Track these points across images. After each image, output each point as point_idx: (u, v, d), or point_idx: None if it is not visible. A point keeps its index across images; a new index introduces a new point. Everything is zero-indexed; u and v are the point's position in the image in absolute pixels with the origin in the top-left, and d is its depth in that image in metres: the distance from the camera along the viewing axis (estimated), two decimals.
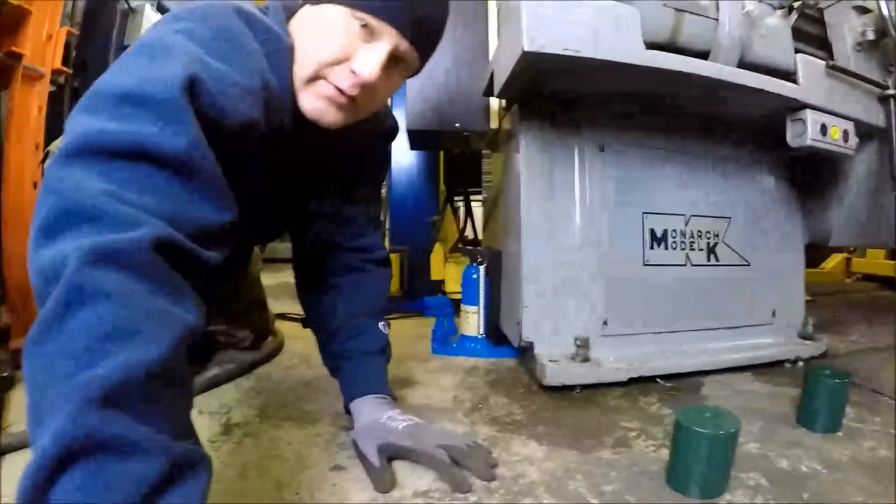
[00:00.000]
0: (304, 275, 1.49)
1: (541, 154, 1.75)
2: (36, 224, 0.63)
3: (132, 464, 0.52)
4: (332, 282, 1.43)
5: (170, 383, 0.60)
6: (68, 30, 2.24)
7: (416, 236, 3.25)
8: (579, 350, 1.63)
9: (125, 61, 0.80)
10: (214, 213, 0.76)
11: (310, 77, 1.03)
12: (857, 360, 2.01)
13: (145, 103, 0.71)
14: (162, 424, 0.56)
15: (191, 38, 0.84)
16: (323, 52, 1.01)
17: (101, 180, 0.65)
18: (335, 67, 1.02)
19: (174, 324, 0.62)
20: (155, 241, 0.63)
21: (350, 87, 1.02)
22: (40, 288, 0.60)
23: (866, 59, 1.89)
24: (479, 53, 2.15)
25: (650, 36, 1.49)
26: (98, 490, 0.50)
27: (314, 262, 1.45)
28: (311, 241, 1.45)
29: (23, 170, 1.95)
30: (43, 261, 0.60)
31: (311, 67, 1.02)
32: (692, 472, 1.01)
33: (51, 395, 0.53)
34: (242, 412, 1.42)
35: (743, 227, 1.96)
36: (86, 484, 0.50)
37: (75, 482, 0.50)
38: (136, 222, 0.62)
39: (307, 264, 1.48)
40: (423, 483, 1.05)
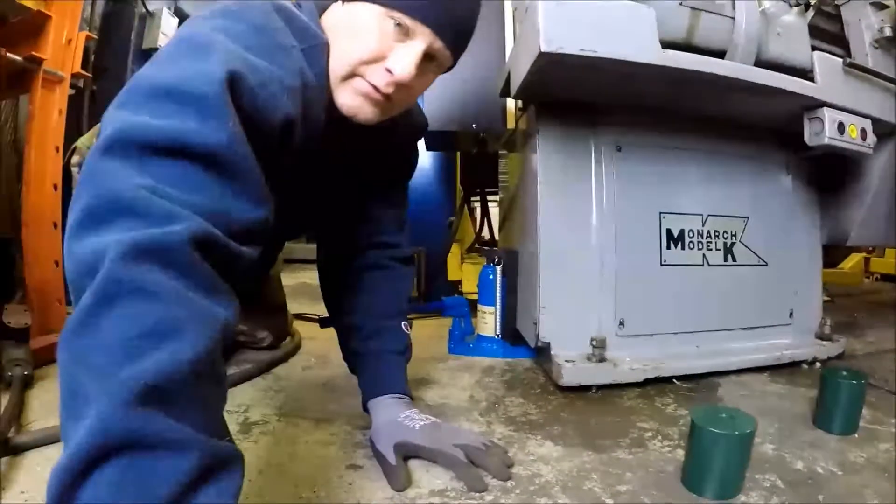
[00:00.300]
0: (329, 271, 1.51)
1: (557, 154, 1.75)
2: (73, 216, 0.63)
3: (167, 461, 0.51)
4: (356, 279, 1.44)
5: (207, 381, 0.59)
6: (87, 34, 2.26)
7: (433, 237, 3.25)
8: (595, 350, 1.63)
9: (164, 57, 0.80)
10: (252, 210, 0.75)
11: (346, 75, 1.05)
12: (875, 362, 1.99)
13: (186, 99, 0.71)
14: (198, 422, 0.56)
15: (230, 34, 0.84)
16: (359, 51, 1.03)
17: (140, 175, 0.64)
18: (371, 66, 1.03)
19: (212, 321, 0.62)
20: (193, 237, 0.62)
21: (385, 85, 1.03)
22: (76, 280, 0.59)
23: (884, 56, 1.88)
24: (495, 54, 2.16)
25: (666, 35, 1.49)
26: (131, 488, 0.50)
27: (339, 259, 1.47)
28: (338, 239, 1.47)
29: (43, 172, 1.98)
30: (80, 253, 0.59)
31: (348, 65, 1.04)
32: (708, 472, 1.01)
33: (86, 390, 0.52)
34: (260, 411, 1.43)
35: (760, 226, 1.94)
36: (119, 481, 0.50)
37: (108, 479, 0.49)
38: (174, 217, 0.62)
39: (332, 261, 1.50)
40: (439, 482, 1.06)
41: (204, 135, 0.69)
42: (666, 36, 1.49)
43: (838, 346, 1.99)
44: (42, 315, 1.90)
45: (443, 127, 2.22)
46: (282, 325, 2.05)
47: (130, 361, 0.53)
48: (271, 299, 2.01)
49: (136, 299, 0.56)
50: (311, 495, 1.01)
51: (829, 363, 1.92)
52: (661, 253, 1.80)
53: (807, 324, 2.02)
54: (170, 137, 0.67)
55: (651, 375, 1.65)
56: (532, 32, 1.39)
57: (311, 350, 2.10)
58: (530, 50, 1.42)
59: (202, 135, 0.69)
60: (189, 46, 0.79)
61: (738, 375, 1.77)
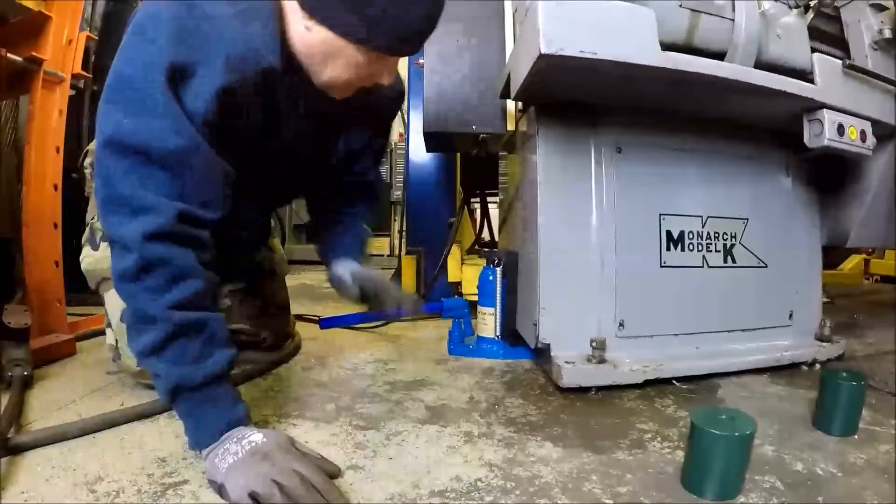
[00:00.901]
0: (316, 216, 1.84)
1: (557, 155, 1.75)
2: (98, 199, 1.05)
3: (194, 339, 1.06)
4: (333, 217, 1.76)
5: (208, 299, 1.12)
6: (87, 34, 2.26)
7: (433, 238, 3.25)
8: (595, 351, 1.63)
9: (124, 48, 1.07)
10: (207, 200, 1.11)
11: (340, 88, 1.24)
12: (875, 363, 1.99)
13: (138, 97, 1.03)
14: (205, 323, 1.08)
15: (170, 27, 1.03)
16: (347, 75, 1.19)
17: (127, 172, 1.03)
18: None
19: (202, 270, 1.09)
20: (176, 217, 1.04)
21: (371, 85, 1.25)
22: (111, 240, 1.06)
23: (884, 58, 1.88)
24: (495, 55, 2.16)
25: (666, 37, 1.49)
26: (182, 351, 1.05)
27: (323, 207, 1.80)
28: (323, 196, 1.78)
29: (43, 173, 1.98)
30: (110, 231, 1.05)
31: (344, 84, 1.22)
32: (707, 473, 1.01)
33: (144, 311, 1.04)
34: (261, 411, 1.44)
35: (760, 228, 1.95)
36: (177, 351, 1.04)
37: (172, 351, 1.04)
38: (159, 208, 1.02)
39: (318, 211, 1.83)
40: (439, 483, 1.06)
41: (160, 139, 1.03)
42: (666, 37, 1.49)
43: (838, 348, 1.99)
44: (42, 315, 1.90)
45: (442, 129, 2.22)
46: (284, 325, 2.05)
47: (166, 293, 1.04)
48: (275, 299, 2.01)
49: (159, 267, 1.03)
50: None
51: (828, 364, 1.92)
52: (661, 254, 1.80)
53: (807, 325, 2.02)
54: (137, 142, 1.02)
55: (651, 377, 1.65)
56: (532, 34, 1.39)
57: (312, 351, 2.10)
58: (530, 51, 1.42)
59: (158, 139, 1.03)
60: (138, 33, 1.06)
61: (738, 377, 1.77)
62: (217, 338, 1.09)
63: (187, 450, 1.12)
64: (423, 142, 2.68)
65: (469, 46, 2.20)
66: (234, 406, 1.10)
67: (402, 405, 1.51)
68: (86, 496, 0.99)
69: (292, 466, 0.97)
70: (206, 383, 1.06)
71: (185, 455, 1.16)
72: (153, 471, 1.09)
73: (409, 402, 1.53)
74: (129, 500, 0.98)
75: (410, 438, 1.28)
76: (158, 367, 1.05)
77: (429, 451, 1.21)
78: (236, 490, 0.93)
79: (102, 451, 1.17)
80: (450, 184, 3.42)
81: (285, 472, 0.95)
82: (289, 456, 1.00)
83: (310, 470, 0.98)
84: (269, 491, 0.91)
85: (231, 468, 0.97)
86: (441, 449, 1.22)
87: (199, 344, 1.06)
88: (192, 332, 1.05)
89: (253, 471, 0.95)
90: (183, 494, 1.00)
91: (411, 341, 2.32)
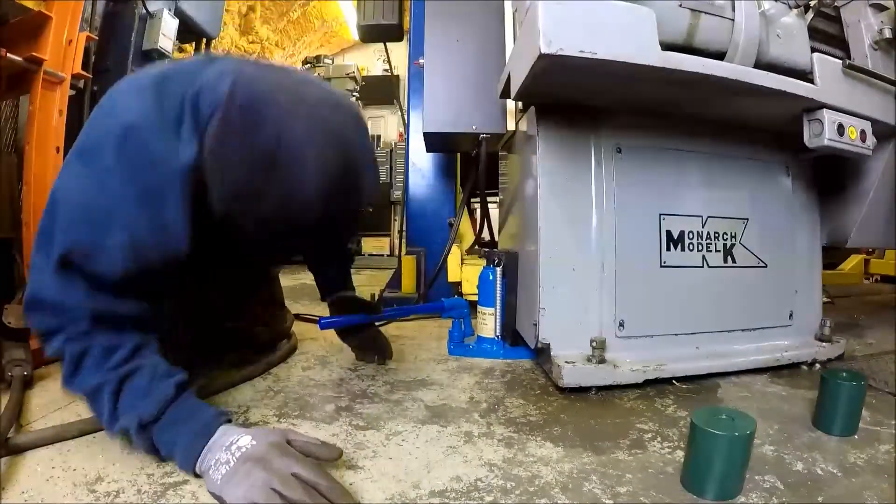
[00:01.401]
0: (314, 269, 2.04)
1: (558, 155, 1.75)
2: (26, 292, 1.12)
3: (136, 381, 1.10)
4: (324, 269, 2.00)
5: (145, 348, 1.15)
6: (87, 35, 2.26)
7: (433, 238, 3.26)
8: (595, 351, 1.63)
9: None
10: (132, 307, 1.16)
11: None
12: (875, 363, 1.99)
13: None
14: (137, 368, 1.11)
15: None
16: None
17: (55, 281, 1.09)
18: None
19: (128, 336, 1.14)
20: (92, 319, 1.10)
21: None
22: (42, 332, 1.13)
23: (884, 58, 1.88)
24: (495, 55, 2.16)
25: (666, 37, 1.49)
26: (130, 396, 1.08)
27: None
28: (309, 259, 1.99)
29: (44, 173, 1.98)
30: (36, 324, 1.13)
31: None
32: (707, 473, 1.01)
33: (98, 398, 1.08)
34: (260, 412, 1.44)
35: (760, 228, 1.95)
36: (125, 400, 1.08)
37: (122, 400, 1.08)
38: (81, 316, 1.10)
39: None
40: (439, 483, 1.06)
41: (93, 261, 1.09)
42: (666, 37, 1.49)
43: (838, 348, 1.99)
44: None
45: (442, 129, 2.23)
46: (280, 323, 2.05)
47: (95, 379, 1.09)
48: (269, 297, 2.02)
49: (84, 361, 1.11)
50: None
51: (829, 364, 1.93)
52: (661, 254, 1.80)
53: (807, 325, 2.02)
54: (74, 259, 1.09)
55: (651, 377, 1.65)
56: (532, 34, 1.39)
57: (311, 350, 2.10)
58: (530, 51, 1.42)
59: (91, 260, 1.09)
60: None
61: (738, 377, 1.78)
62: (157, 373, 1.12)
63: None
64: (423, 142, 2.69)
65: (469, 46, 2.20)
66: (197, 417, 1.09)
67: (402, 405, 1.51)
68: (86, 496, 0.99)
69: (291, 470, 0.94)
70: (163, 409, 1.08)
71: None
72: (153, 471, 1.09)
73: (409, 402, 1.53)
74: (129, 500, 0.98)
75: (410, 438, 1.28)
76: (122, 421, 1.07)
77: (429, 451, 1.21)
78: (236, 497, 0.91)
79: (102, 451, 1.17)
80: (450, 184, 3.42)
81: (285, 479, 0.92)
82: (286, 458, 0.97)
83: (310, 471, 0.95)
84: (270, 501, 0.89)
85: (226, 479, 0.96)
86: (441, 449, 1.22)
87: (145, 381, 1.10)
88: (132, 378, 1.10)
89: (249, 480, 0.92)
90: (183, 494, 1.00)
91: (411, 341, 2.32)
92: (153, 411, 1.06)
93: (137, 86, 1.17)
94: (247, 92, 1.02)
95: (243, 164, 1.00)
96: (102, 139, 1.11)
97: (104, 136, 1.11)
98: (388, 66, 6.53)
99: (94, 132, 1.15)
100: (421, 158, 3.36)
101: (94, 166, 1.10)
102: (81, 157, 1.14)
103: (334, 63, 7.96)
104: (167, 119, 1.11)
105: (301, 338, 2.25)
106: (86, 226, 1.08)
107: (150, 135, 1.10)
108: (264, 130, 0.98)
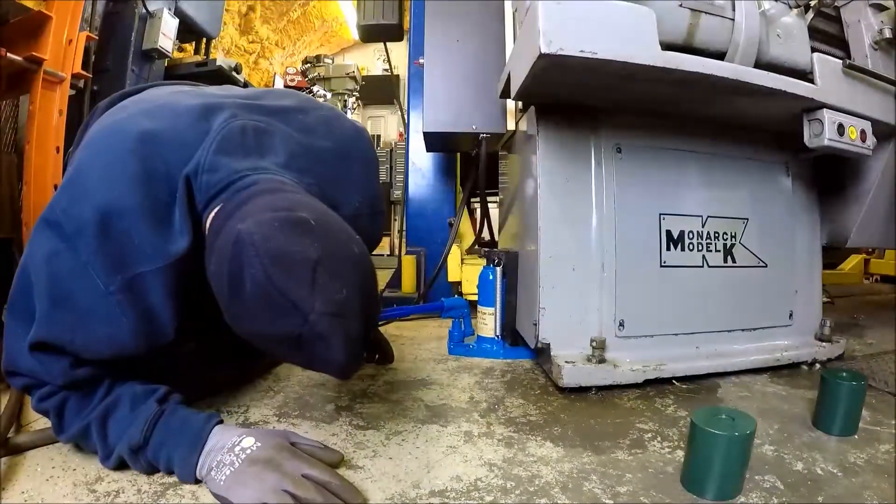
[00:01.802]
0: None
1: (558, 155, 1.75)
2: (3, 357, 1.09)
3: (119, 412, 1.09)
4: None
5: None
6: (87, 34, 2.26)
7: (433, 238, 3.26)
8: (595, 351, 1.63)
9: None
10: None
11: None
12: (875, 363, 1.99)
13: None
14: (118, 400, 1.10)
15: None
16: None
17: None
18: None
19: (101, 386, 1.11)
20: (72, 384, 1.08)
21: None
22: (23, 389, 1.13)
23: (884, 58, 1.88)
24: (495, 55, 2.16)
25: (666, 37, 1.49)
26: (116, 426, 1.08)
27: None
28: None
29: (44, 173, 1.98)
30: (17, 386, 1.12)
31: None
32: (707, 473, 1.01)
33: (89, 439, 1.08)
34: (260, 411, 1.44)
35: (760, 228, 1.95)
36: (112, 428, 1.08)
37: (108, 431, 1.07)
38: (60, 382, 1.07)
39: None
40: (439, 482, 1.06)
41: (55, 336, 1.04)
42: (666, 37, 1.49)
43: (838, 348, 1.99)
44: None
45: (442, 128, 2.23)
46: None
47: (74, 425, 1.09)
48: None
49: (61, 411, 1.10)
50: None
51: (828, 364, 1.93)
52: (661, 254, 1.80)
53: (807, 325, 2.02)
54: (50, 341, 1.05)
55: (651, 376, 1.65)
56: (532, 33, 1.39)
57: None
58: (530, 51, 1.42)
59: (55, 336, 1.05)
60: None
61: (738, 377, 1.78)
62: (136, 397, 1.11)
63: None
64: (423, 142, 2.69)
65: (469, 46, 2.20)
66: (187, 427, 1.07)
67: (402, 405, 1.51)
68: (86, 496, 0.99)
69: (302, 472, 0.95)
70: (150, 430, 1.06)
71: None
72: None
73: (409, 402, 1.53)
74: (129, 500, 0.98)
75: (410, 438, 1.28)
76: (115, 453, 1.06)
77: (429, 451, 1.21)
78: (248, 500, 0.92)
79: None
80: (450, 184, 3.42)
81: (297, 482, 0.93)
82: (295, 460, 0.98)
83: (321, 472, 0.96)
84: (282, 502, 0.90)
85: (231, 480, 0.96)
86: (441, 449, 1.22)
87: (126, 410, 1.08)
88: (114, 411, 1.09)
89: (258, 482, 0.93)
90: (183, 494, 1.00)
91: (411, 341, 2.32)
92: (139, 437, 1.04)
93: (121, 149, 1.06)
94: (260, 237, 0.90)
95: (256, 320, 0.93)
96: (82, 219, 1.02)
97: (84, 216, 1.01)
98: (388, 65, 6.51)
99: (74, 206, 1.04)
100: (421, 158, 3.36)
101: (74, 251, 1.01)
102: (59, 232, 1.03)
103: (334, 63, 7.95)
104: (156, 200, 1.06)
105: None
106: (65, 318, 1.02)
107: (135, 222, 1.03)
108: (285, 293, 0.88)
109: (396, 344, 2.05)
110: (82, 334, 1.03)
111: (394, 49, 4.24)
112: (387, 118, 10.23)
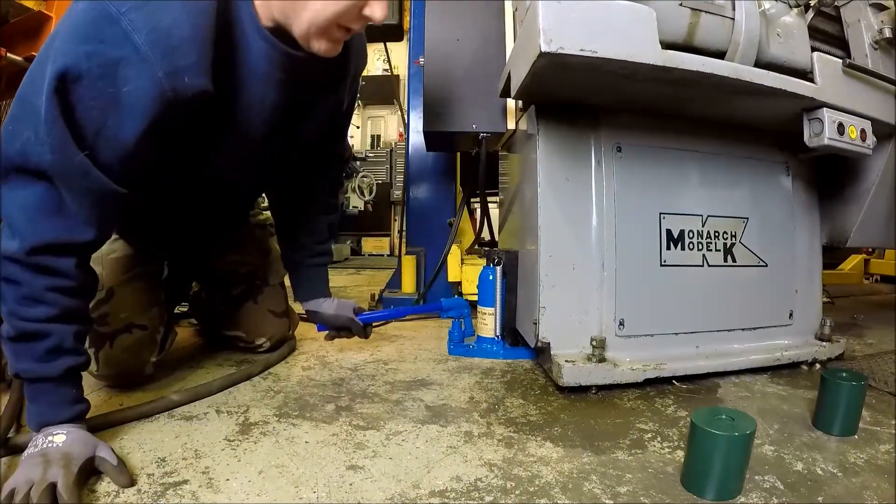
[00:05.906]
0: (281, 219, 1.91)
1: (558, 155, 1.75)
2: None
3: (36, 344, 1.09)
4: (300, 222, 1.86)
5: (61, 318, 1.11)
6: None
7: (433, 238, 3.26)
8: (595, 351, 1.63)
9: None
10: (80, 227, 1.09)
11: (324, 29, 1.17)
12: (875, 363, 1.99)
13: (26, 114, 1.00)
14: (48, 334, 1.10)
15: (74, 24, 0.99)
16: (334, 10, 1.14)
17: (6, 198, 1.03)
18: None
19: (55, 297, 1.09)
20: (28, 250, 1.04)
21: (360, 27, 1.21)
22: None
23: (884, 57, 1.88)
24: (495, 55, 2.15)
25: (666, 36, 1.49)
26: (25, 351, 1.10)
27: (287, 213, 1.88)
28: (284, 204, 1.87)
29: None
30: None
31: (326, 22, 1.15)
32: (707, 473, 1.01)
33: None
34: (260, 412, 1.44)
35: (760, 227, 1.95)
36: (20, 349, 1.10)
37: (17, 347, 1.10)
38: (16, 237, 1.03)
39: (282, 214, 1.90)
40: (439, 482, 1.06)
41: (33, 155, 1.00)
42: (666, 36, 1.49)
43: (838, 347, 1.99)
44: None
45: (442, 128, 2.22)
46: (282, 330, 2.04)
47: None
48: (273, 306, 2.01)
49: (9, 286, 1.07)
50: (311, 495, 1.01)
51: (829, 364, 1.93)
52: (661, 253, 1.80)
53: (807, 325, 2.02)
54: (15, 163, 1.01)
55: (651, 376, 1.65)
56: (532, 32, 1.39)
57: (311, 350, 2.10)
58: (530, 50, 1.41)
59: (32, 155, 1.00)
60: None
61: (738, 376, 1.78)
62: (63, 348, 1.13)
63: (183, 448, 1.13)
64: (423, 141, 2.68)
65: (469, 46, 2.20)
66: (57, 407, 1.13)
67: (402, 405, 1.51)
68: (86, 496, 0.99)
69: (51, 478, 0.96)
70: (41, 379, 1.11)
71: (184, 455, 1.16)
72: (153, 471, 1.09)
73: (409, 402, 1.53)
74: (129, 500, 0.98)
75: (410, 438, 1.28)
76: (8, 353, 1.12)
77: (429, 451, 1.21)
78: (10, 480, 0.97)
79: None
80: (450, 184, 3.42)
81: (40, 482, 0.95)
82: (64, 467, 0.99)
83: (65, 484, 0.96)
84: (23, 491, 0.94)
85: (23, 459, 1.04)
86: (441, 449, 1.22)
87: (42, 350, 1.10)
88: (36, 339, 1.10)
89: (24, 472, 0.98)
90: (183, 494, 1.00)
91: (411, 341, 2.32)
92: (34, 375, 1.11)
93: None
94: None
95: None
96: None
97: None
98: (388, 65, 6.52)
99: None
100: (421, 158, 3.36)
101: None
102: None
103: None
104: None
105: (301, 338, 2.25)
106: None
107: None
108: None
109: (396, 344, 2.05)
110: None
111: (394, 49, 4.25)
112: (387, 118, 10.24)
